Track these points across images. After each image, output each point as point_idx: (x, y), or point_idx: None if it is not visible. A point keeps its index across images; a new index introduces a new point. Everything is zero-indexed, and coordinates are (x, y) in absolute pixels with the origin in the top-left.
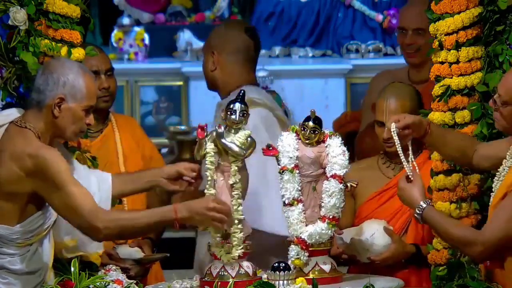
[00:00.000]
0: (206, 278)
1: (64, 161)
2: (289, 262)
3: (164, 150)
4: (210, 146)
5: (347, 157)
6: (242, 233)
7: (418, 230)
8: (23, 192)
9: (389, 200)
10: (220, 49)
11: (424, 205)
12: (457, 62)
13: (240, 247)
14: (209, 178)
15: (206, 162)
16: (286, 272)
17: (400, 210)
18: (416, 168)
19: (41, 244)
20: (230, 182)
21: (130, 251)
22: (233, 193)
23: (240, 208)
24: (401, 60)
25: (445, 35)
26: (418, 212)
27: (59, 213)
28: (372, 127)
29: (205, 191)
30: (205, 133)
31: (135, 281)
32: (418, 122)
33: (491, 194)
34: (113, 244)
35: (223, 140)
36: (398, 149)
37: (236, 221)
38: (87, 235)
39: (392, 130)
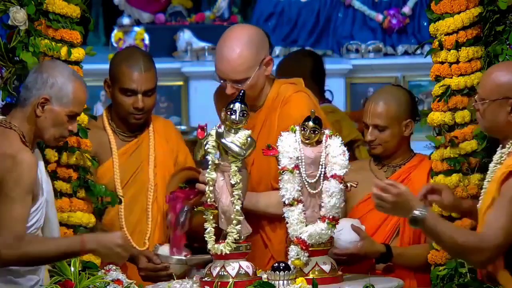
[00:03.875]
0: (206, 278)
1: (32, 175)
2: (289, 262)
3: None
4: (212, 139)
5: (347, 157)
6: (239, 234)
7: (409, 232)
8: None
9: None
10: None
11: (425, 211)
12: (457, 62)
13: (230, 247)
14: (210, 162)
15: (208, 145)
16: (286, 272)
17: None
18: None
19: None
20: (232, 182)
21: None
22: (233, 193)
23: (240, 208)
24: (401, 60)
25: (445, 35)
26: (420, 216)
27: None
28: None
29: (206, 175)
30: (205, 133)
31: (134, 281)
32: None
33: (480, 197)
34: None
35: (223, 140)
36: None
37: (235, 222)
38: None
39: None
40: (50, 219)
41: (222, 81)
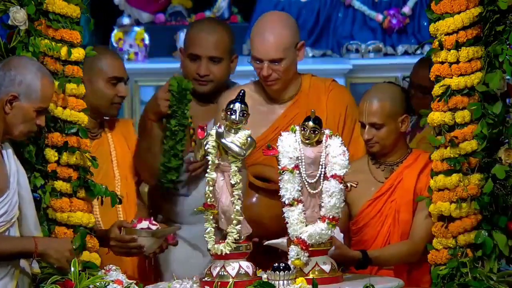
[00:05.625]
0: (206, 278)
1: None
2: (289, 262)
3: None
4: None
5: (347, 157)
6: (239, 234)
7: (398, 233)
8: None
9: (384, 205)
10: None
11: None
12: (457, 62)
13: (230, 247)
14: (211, 162)
15: (208, 145)
16: (286, 272)
17: (387, 215)
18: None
19: (8, 234)
20: (232, 182)
21: (145, 223)
22: (233, 193)
23: (240, 208)
24: (401, 60)
25: (445, 35)
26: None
27: None
28: None
29: (206, 175)
30: (205, 133)
31: (134, 281)
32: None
33: None
34: (130, 219)
35: (223, 140)
36: None
37: (235, 222)
38: None
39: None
40: (26, 215)
41: (257, 62)
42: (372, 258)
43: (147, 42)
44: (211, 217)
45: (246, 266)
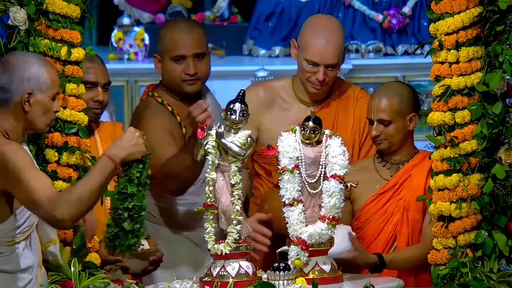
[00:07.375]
0: (206, 278)
1: (24, 155)
2: (289, 262)
3: None
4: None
5: (347, 157)
6: (239, 234)
7: (406, 232)
8: None
9: (387, 203)
10: None
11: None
12: (457, 62)
13: (230, 247)
14: (211, 162)
15: (208, 145)
16: (286, 272)
17: (393, 213)
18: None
19: (30, 241)
20: (232, 182)
21: None
22: (233, 193)
23: (240, 208)
24: (401, 60)
25: (445, 35)
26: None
27: (25, 207)
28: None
29: (206, 175)
30: (205, 133)
31: (135, 281)
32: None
33: None
34: None
35: (223, 140)
36: None
37: (235, 222)
38: (54, 227)
39: None
40: None
41: (310, 66)
42: (387, 262)
43: (147, 42)
44: (211, 217)
45: (246, 266)
